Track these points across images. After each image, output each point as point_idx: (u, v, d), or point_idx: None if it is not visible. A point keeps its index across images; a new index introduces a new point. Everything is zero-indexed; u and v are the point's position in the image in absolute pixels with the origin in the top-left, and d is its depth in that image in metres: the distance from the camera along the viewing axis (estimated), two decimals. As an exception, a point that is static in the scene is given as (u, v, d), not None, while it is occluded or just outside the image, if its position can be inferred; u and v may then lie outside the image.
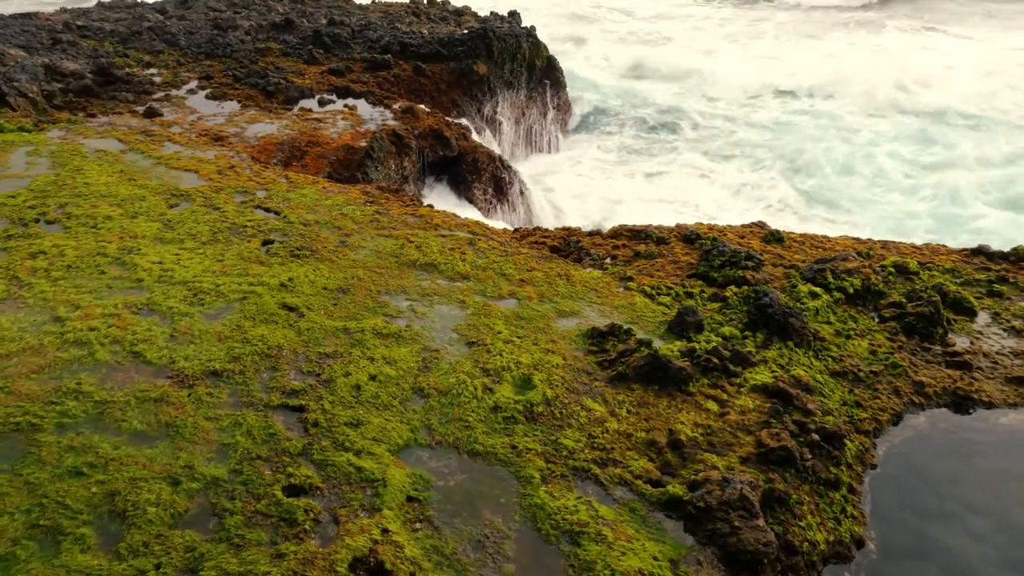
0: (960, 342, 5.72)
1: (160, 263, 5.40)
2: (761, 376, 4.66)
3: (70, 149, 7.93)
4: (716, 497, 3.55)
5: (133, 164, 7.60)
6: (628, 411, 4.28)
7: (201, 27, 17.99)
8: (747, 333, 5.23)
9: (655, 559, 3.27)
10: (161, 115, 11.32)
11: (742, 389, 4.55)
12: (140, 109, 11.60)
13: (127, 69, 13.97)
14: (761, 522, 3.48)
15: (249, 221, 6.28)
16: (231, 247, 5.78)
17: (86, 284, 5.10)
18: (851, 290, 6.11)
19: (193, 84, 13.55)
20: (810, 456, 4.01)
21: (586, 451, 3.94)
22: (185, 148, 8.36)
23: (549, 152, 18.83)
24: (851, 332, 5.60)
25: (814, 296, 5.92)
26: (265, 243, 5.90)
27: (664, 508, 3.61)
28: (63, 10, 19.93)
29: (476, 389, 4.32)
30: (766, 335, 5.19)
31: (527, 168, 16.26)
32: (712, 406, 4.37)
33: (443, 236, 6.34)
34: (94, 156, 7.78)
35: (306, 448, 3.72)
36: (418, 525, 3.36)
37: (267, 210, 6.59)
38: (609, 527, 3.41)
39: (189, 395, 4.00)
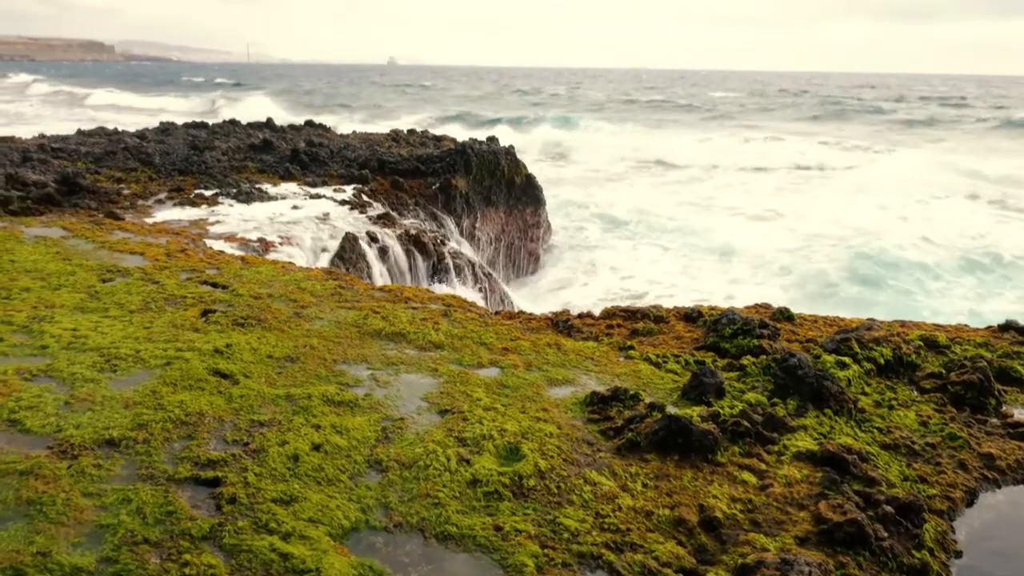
0: (1018, 413, 4.89)
1: (73, 330, 4.52)
2: (803, 443, 3.77)
3: (5, 235, 7.20)
4: (777, 584, 2.58)
5: (73, 247, 6.86)
6: (644, 485, 3.35)
7: (178, 148, 17.88)
8: (775, 400, 4.37)
9: (704, 673, 2.26)
10: (122, 219, 10.72)
11: (783, 457, 3.64)
12: (101, 214, 11.01)
13: (96, 183, 13.54)
14: (844, 617, 2.51)
15: (190, 293, 5.47)
16: (163, 315, 4.93)
17: (-24, 352, 4.19)
18: (882, 361, 5.32)
19: (162, 195, 13.09)
20: (886, 535, 3.06)
21: (594, 533, 2.98)
22: (135, 235, 7.66)
23: (529, 273, 18.43)
24: (892, 403, 4.75)
25: (842, 366, 5.12)
26: (205, 312, 5.05)
27: (706, 603, 2.63)
28: (41, 135, 19.90)
29: (449, 460, 3.38)
30: (799, 402, 4.33)
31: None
32: (749, 477, 3.44)
33: (414, 308, 5.54)
34: (31, 240, 7.04)
35: (215, 530, 2.73)
36: (363, 632, 2.35)
37: (214, 285, 5.79)
38: (634, 629, 2.42)
39: (69, 467, 3.03)
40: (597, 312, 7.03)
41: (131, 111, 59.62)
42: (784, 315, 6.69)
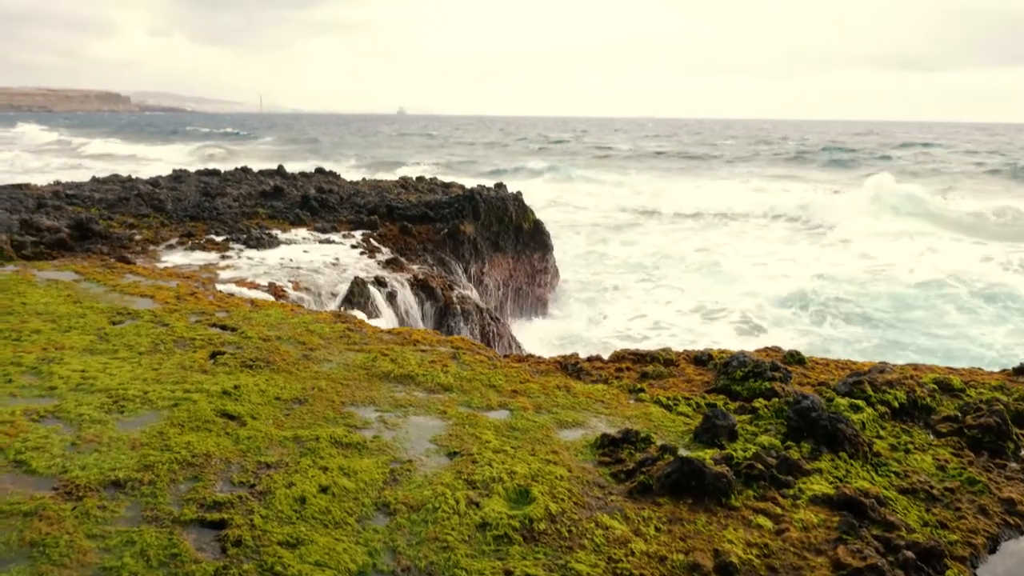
0: (1038, 459, 4.79)
1: (82, 371, 4.52)
2: (819, 486, 3.70)
3: (18, 278, 7.26)
4: (797, 632, 2.50)
5: (84, 290, 6.90)
6: (657, 529, 3.28)
7: (190, 195, 18.11)
8: (789, 443, 4.30)
9: None
10: (133, 263, 10.80)
11: (798, 501, 3.56)
12: (112, 259, 11.11)
13: (109, 228, 13.70)
14: (868, 667, 2.42)
15: (199, 335, 5.47)
16: (172, 357, 4.92)
17: (-15, 393, 4.19)
18: (896, 404, 5.25)
19: (173, 241, 13.21)
20: (907, 581, 2.98)
21: (607, 578, 2.90)
22: (146, 278, 7.71)
23: (537, 318, 18.41)
24: (909, 446, 4.67)
25: (856, 409, 5.04)
26: (214, 354, 5.05)
27: (724, 652, 2.54)
28: (57, 182, 20.21)
29: (458, 503, 3.32)
30: (813, 445, 4.26)
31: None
32: (765, 522, 3.37)
33: (422, 351, 5.52)
34: (43, 283, 7.09)
35: (219, 573, 2.67)
36: None
37: (223, 327, 5.80)
38: None
39: (74, 508, 2.99)
40: (606, 355, 7.00)
41: (126, 160, 60.22)
42: (795, 358, 6.63)
